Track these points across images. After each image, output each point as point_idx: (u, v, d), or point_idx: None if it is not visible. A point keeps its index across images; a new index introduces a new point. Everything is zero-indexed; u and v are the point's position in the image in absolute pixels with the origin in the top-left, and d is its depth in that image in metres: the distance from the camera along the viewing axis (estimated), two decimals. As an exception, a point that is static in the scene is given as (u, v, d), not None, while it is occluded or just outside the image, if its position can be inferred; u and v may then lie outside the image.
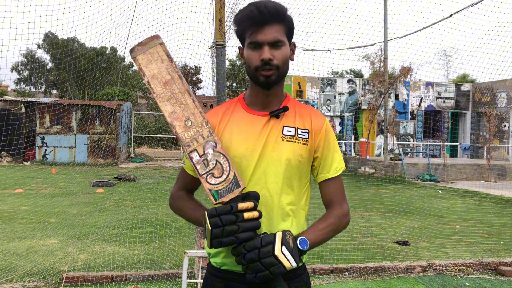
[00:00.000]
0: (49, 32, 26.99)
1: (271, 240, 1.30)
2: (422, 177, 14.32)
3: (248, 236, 1.30)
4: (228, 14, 4.36)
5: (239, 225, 1.30)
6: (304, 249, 1.37)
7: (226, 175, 1.39)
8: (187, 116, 1.44)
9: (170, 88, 1.45)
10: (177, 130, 1.43)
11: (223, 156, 1.41)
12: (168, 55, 1.47)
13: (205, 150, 1.41)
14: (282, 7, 1.47)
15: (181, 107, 1.44)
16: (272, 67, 1.44)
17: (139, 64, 1.46)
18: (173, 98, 1.45)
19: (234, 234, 1.29)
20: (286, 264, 1.28)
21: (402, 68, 15.14)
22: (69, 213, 7.51)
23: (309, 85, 18.94)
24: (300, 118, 1.53)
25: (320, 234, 1.46)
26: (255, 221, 1.32)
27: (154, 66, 1.46)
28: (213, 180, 1.39)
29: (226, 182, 1.38)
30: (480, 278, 4.82)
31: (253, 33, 1.44)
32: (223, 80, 4.22)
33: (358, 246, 5.87)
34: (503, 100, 18.88)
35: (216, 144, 1.42)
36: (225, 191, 1.37)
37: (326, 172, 1.53)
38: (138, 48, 1.47)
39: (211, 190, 1.38)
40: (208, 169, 1.40)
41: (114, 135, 17.25)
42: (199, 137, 1.43)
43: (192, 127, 1.43)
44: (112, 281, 4.35)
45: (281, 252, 1.28)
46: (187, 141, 1.43)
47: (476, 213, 8.68)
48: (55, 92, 33.65)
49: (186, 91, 1.45)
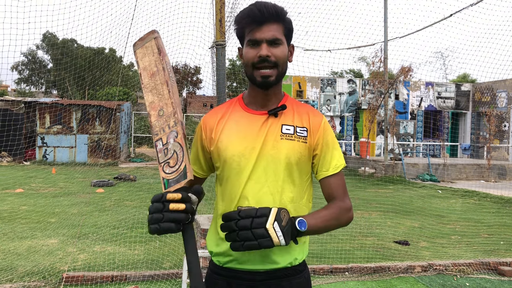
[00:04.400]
0: (47, 32, 26.96)
1: (266, 213, 1.31)
2: (422, 177, 14.32)
3: (168, 227, 1.29)
4: (228, 14, 4.37)
5: (163, 214, 1.30)
6: (301, 230, 1.36)
7: (178, 165, 1.40)
8: (161, 106, 1.47)
9: (154, 79, 1.49)
10: (152, 119, 1.48)
11: (180, 147, 1.42)
12: (159, 48, 1.50)
13: (168, 140, 1.44)
14: (282, 8, 1.49)
15: (159, 98, 1.48)
16: (270, 63, 1.45)
17: (136, 57, 1.52)
18: (155, 89, 1.49)
19: (158, 223, 1.29)
20: (275, 239, 1.28)
21: (402, 68, 15.12)
22: (69, 213, 7.51)
23: (309, 85, 18.93)
24: (299, 117, 1.54)
25: (320, 221, 1.45)
26: (179, 213, 1.31)
27: (147, 59, 1.51)
28: (167, 169, 1.41)
29: (177, 172, 1.39)
30: (480, 278, 4.82)
31: (252, 31, 1.46)
32: (223, 80, 4.22)
33: (358, 246, 5.87)
34: (503, 100, 18.88)
35: (177, 134, 1.43)
36: (174, 181, 1.39)
37: (326, 169, 1.54)
38: (138, 42, 1.54)
39: (164, 178, 1.41)
40: (166, 158, 1.42)
41: (114, 135, 17.25)
42: (166, 126, 1.45)
43: (162, 117, 1.46)
44: (112, 281, 4.35)
45: (272, 226, 1.29)
46: (156, 130, 1.46)
47: (476, 213, 8.68)
48: (55, 92, 33.66)
49: (165, 82, 1.48)
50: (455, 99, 20.46)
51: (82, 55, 18.45)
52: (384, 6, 13.35)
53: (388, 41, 13.49)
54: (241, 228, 1.29)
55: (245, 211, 1.32)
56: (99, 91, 24.62)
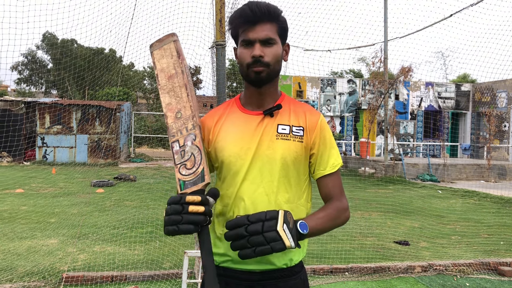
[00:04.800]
0: (46, 32, 26.96)
1: (275, 215, 1.29)
2: (422, 177, 14.31)
3: (188, 229, 1.29)
4: (228, 14, 4.37)
5: (182, 216, 1.30)
6: (303, 232, 1.35)
7: (196, 168, 1.42)
8: (179, 108, 1.50)
9: (172, 81, 1.52)
10: (168, 120, 1.50)
11: (198, 150, 1.44)
12: (178, 51, 1.54)
13: (185, 142, 1.46)
14: (275, 7, 1.49)
15: (177, 100, 1.51)
16: (262, 64, 1.45)
17: (153, 58, 1.55)
18: (172, 91, 1.52)
19: (177, 224, 1.29)
20: (286, 242, 1.27)
21: (402, 68, 15.11)
22: (69, 213, 7.51)
23: (309, 85, 18.93)
24: (295, 116, 1.54)
25: (319, 222, 1.44)
26: (198, 216, 1.31)
27: (165, 61, 1.54)
28: (184, 171, 1.43)
29: (194, 174, 1.41)
30: (480, 278, 4.82)
31: (245, 31, 1.47)
32: (223, 80, 4.22)
33: (358, 246, 5.87)
34: (503, 100, 18.88)
35: (195, 137, 1.46)
36: (191, 183, 1.40)
37: (323, 168, 1.53)
38: (156, 44, 1.57)
39: (180, 180, 1.42)
40: (183, 160, 1.44)
41: (114, 135, 17.24)
42: (184, 129, 1.48)
43: (180, 119, 1.49)
44: (112, 281, 4.35)
45: (282, 229, 1.27)
46: (173, 131, 1.48)
47: (476, 213, 8.68)
48: (55, 92, 33.66)
49: (184, 85, 1.51)
50: (455, 99, 20.46)
51: (82, 55, 18.44)
52: (384, 6, 13.35)
53: (388, 41, 13.49)
54: (252, 233, 1.27)
55: (254, 216, 1.30)
56: (99, 91, 24.62)
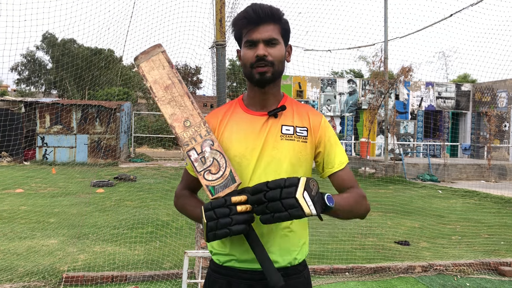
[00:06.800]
0: (46, 32, 26.97)
1: (295, 182, 1.28)
2: (423, 177, 14.31)
3: (240, 229, 1.30)
4: (228, 14, 4.36)
5: (232, 217, 1.30)
6: (330, 205, 1.34)
7: (223, 171, 1.43)
8: (186, 117, 1.51)
9: (171, 92, 1.53)
10: (177, 130, 1.50)
11: (219, 154, 1.46)
12: (169, 62, 1.54)
13: (203, 148, 1.47)
14: (278, 9, 1.52)
15: (181, 109, 1.51)
16: (267, 63, 1.47)
17: (142, 71, 1.54)
18: (173, 101, 1.52)
19: (228, 227, 1.29)
20: (306, 209, 1.25)
21: (402, 68, 15.10)
22: (69, 213, 7.51)
23: (309, 85, 18.92)
24: (298, 117, 1.57)
25: (345, 202, 1.44)
26: (248, 214, 1.32)
27: (156, 72, 1.54)
28: (210, 176, 1.44)
29: (222, 178, 1.43)
30: (481, 278, 4.82)
31: (249, 32, 1.49)
32: (223, 80, 4.21)
33: (359, 246, 5.87)
34: (503, 100, 18.87)
35: (213, 143, 1.47)
36: (221, 187, 1.42)
37: (331, 166, 1.56)
38: (141, 56, 1.55)
39: (208, 186, 1.43)
40: (205, 166, 1.45)
41: (114, 135, 17.24)
42: (197, 136, 1.48)
43: (190, 127, 1.49)
44: (112, 281, 4.35)
45: (302, 196, 1.25)
46: (186, 140, 1.48)
47: (477, 213, 8.67)
48: (55, 92, 33.64)
49: (185, 94, 1.52)
50: (455, 99, 20.45)
51: (81, 55, 18.43)
52: (384, 6, 13.34)
53: (388, 41, 13.48)
54: (270, 200, 1.27)
55: (273, 182, 1.29)
56: (99, 91, 24.61)
